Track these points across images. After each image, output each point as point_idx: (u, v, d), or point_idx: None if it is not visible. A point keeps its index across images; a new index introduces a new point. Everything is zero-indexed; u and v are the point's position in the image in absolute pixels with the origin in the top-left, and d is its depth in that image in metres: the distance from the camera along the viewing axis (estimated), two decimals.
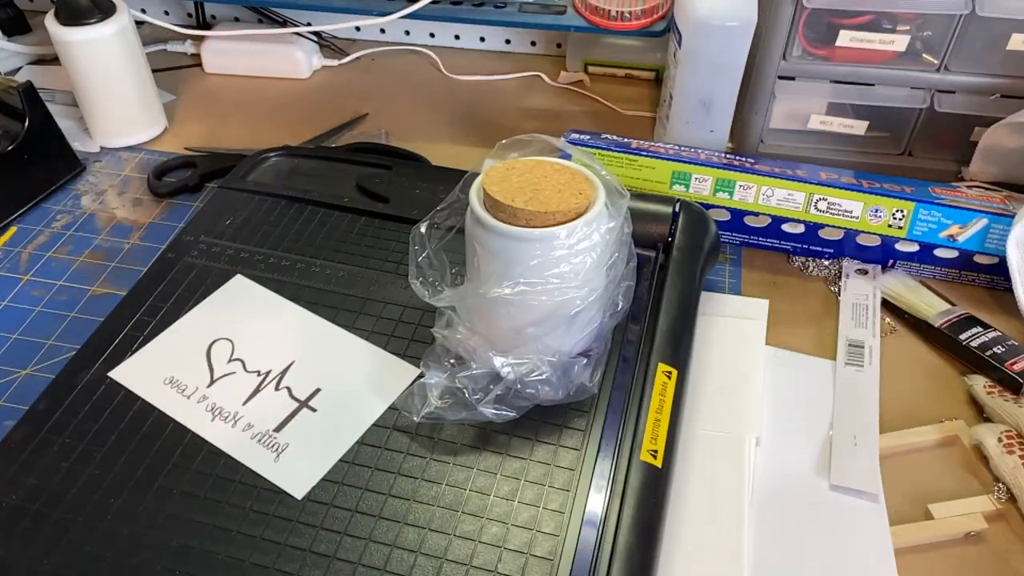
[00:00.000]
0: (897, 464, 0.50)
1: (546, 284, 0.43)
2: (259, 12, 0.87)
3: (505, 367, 0.44)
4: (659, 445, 0.45)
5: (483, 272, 0.44)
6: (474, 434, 0.46)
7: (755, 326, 0.57)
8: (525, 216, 0.42)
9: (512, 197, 0.42)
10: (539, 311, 0.44)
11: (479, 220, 0.43)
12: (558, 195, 0.43)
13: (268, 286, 0.55)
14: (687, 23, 0.63)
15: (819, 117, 0.68)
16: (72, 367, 0.50)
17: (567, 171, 0.45)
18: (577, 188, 0.44)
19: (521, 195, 0.43)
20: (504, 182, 0.44)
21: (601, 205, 0.44)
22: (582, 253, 0.43)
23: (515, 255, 0.43)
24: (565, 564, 0.40)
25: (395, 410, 0.47)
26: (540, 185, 0.43)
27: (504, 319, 0.45)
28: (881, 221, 0.59)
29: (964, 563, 0.45)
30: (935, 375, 0.55)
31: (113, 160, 0.73)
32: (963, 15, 0.60)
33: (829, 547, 0.46)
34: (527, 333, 0.45)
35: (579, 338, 0.47)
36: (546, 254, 0.42)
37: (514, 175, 0.44)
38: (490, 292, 0.43)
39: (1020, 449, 0.49)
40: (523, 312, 0.44)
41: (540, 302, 0.43)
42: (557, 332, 0.45)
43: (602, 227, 0.44)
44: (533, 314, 0.44)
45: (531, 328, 0.44)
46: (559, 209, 0.42)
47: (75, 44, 0.68)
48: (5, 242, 0.65)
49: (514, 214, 0.42)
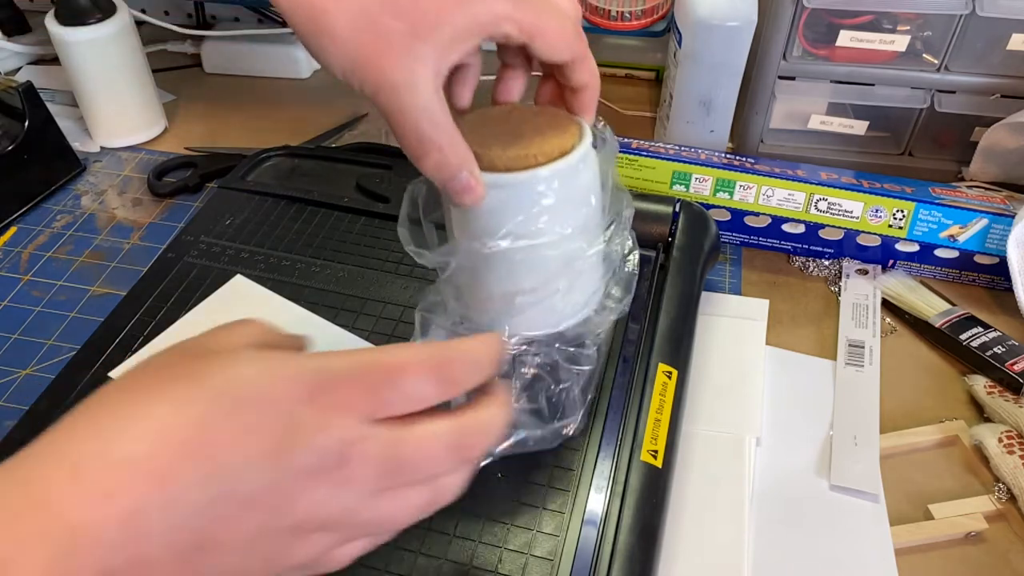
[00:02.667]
0: (897, 464, 0.50)
1: (540, 232, 0.38)
2: (259, 12, 0.87)
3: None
4: (659, 445, 0.45)
5: (467, 231, 0.40)
6: None
7: (755, 326, 0.57)
8: (504, 161, 0.37)
9: (488, 144, 0.38)
10: (535, 268, 0.39)
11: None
12: (540, 137, 0.38)
13: (268, 286, 0.55)
14: (687, 23, 0.63)
15: (819, 117, 0.68)
16: (72, 367, 0.50)
17: (546, 112, 0.40)
18: (560, 128, 0.39)
19: (498, 142, 0.38)
20: (479, 131, 0.39)
21: (588, 143, 0.39)
22: (572, 198, 0.38)
23: (498, 205, 0.38)
24: (565, 564, 0.40)
25: None
26: (519, 130, 0.39)
27: (494, 283, 0.40)
28: (881, 221, 0.59)
29: (964, 563, 0.45)
30: (935, 375, 0.55)
31: (113, 160, 0.73)
32: (963, 15, 0.60)
33: (829, 547, 0.46)
34: (517, 303, 0.40)
35: (576, 306, 0.42)
36: (533, 201, 0.38)
37: (489, 123, 0.40)
38: (486, 246, 0.38)
39: (1020, 449, 0.49)
40: (515, 272, 0.39)
41: (538, 256, 0.39)
42: (553, 299, 0.40)
43: (592, 167, 0.39)
44: (527, 273, 0.39)
45: (521, 296, 0.40)
46: (541, 151, 0.37)
47: (75, 44, 0.68)
48: (5, 242, 0.65)
49: (492, 162, 0.37)
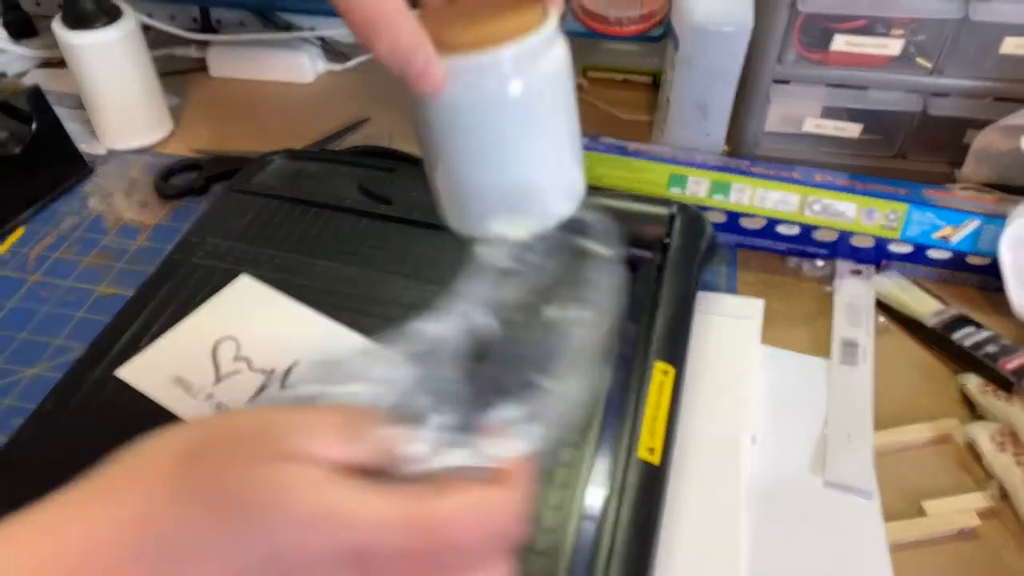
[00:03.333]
0: (891, 462, 0.50)
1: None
2: (264, 17, 0.88)
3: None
4: (657, 442, 0.45)
5: (435, 130, 0.37)
6: None
7: (751, 325, 0.58)
8: (464, 42, 0.35)
9: (443, 29, 0.35)
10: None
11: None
12: (499, 15, 0.36)
13: (273, 286, 0.56)
14: (684, 28, 0.63)
15: (814, 120, 0.69)
16: (79, 366, 0.50)
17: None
18: (522, 5, 0.37)
19: (456, 24, 0.36)
20: (439, 16, 0.37)
21: (554, 20, 0.37)
22: (542, 79, 0.37)
23: (461, 92, 0.36)
24: (563, 560, 0.41)
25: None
26: (479, 12, 0.36)
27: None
28: (875, 222, 0.60)
29: (958, 559, 0.46)
30: (928, 374, 0.56)
31: (120, 162, 0.74)
32: (956, 19, 0.60)
33: (824, 544, 0.46)
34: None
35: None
36: (495, 84, 0.36)
37: (452, 9, 0.38)
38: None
39: (1013, 447, 0.49)
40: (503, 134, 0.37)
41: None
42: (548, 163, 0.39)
43: (563, 56, 0.38)
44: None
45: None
46: (501, 28, 0.35)
47: (82, 48, 0.69)
48: (13, 243, 0.66)
49: (452, 46, 0.35)
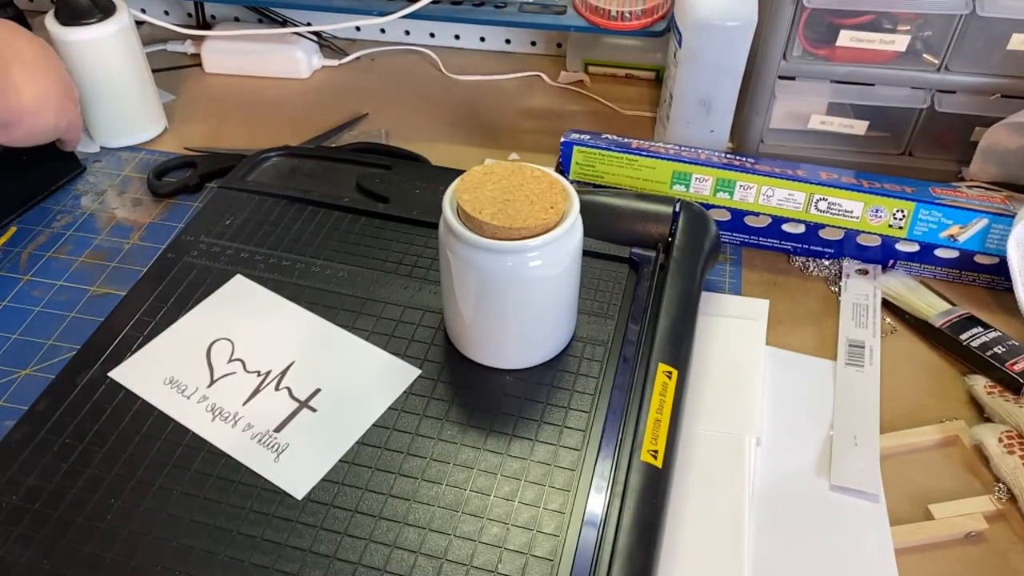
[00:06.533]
0: (897, 464, 0.50)
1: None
2: (259, 12, 0.87)
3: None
4: (659, 445, 0.45)
5: (454, 279, 0.46)
6: (475, 435, 0.46)
7: (755, 326, 0.57)
8: (491, 230, 0.42)
9: (480, 208, 0.43)
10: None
11: (450, 227, 0.44)
12: (529, 207, 0.43)
13: (268, 286, 0.55)
14: (687, 23, 0.63)
15: (819, 117, 0.68)
16: (72, 367, 0.50)
17: (545, 180, 0.45)
18: (550, 201, 0.44)
19: (490, 206, 0.43)
20: (477, 190, 0.44)
21: (571, 222, 0.44)
22: (549, 267, 0.44)
23: (482, 264, 0.44)
24: (565, 564, 0.40)
25: (395, 410, 0.47)
26: (513, 195, 0.44)
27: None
28: (881, 221, 0.59)
29: (964, 563, 0.45)
30: (935, 375, 0.55)
31: (113, 160, 0.73)
32: (963, 15, 0.60)
33: (829, 547, 0.46)
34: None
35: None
36: (516, 267, 0.43)
37: (489, 182, 0.44)
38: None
39: (1020, 449, 0.49)
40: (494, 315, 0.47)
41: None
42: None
43: (570, 244, 0.45)
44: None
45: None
46: (525, 225, 0.42)
47: (75, 44, 0.68)
48: (5, 242, 0.65)
49: (480, 226, 0.43)
